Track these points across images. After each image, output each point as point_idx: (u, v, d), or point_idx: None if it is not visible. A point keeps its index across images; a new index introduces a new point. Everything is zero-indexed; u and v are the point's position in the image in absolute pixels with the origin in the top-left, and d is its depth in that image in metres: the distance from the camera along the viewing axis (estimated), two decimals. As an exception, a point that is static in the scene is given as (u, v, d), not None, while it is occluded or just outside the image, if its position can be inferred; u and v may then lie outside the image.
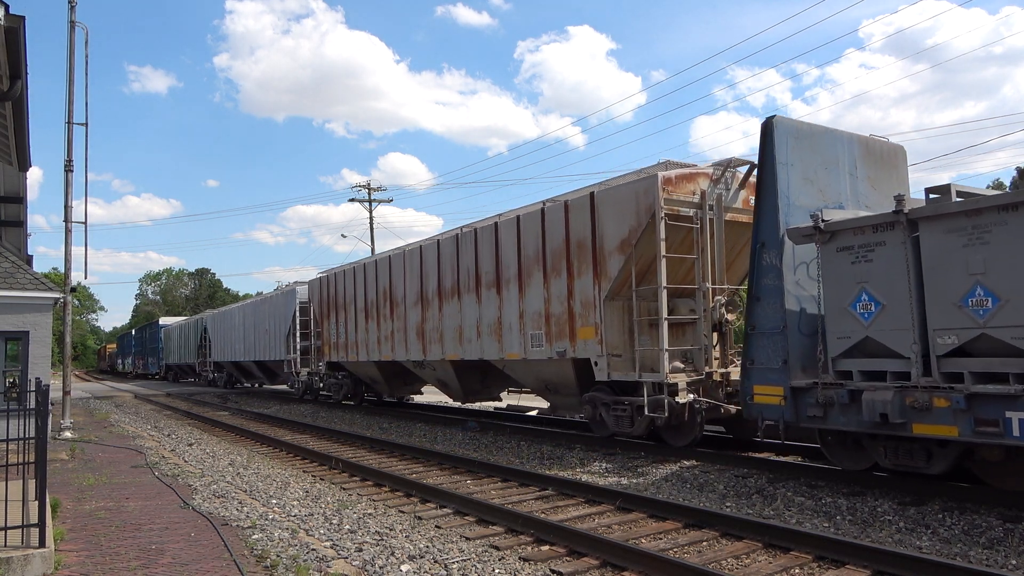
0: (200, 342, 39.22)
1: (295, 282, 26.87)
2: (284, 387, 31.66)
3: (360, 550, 6.49)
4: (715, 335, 11.14)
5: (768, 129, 8.97)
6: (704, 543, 6.75)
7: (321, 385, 23.92)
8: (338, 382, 22.67)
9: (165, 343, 49.60)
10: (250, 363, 31.40)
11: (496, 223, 14.28)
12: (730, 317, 11.11)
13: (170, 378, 50.93)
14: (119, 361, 75.63)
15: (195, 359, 40.49)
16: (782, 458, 10.35)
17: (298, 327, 25.27)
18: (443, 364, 16.24)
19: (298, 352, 25.37)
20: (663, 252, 10.65)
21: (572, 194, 12.92)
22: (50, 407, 7.60)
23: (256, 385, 36.94)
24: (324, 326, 22.51)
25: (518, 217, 13.65)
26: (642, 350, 11.15)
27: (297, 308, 25.23)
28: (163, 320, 55.43)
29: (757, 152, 9.17)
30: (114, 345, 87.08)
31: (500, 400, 18.71)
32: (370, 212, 43.69)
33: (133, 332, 69.35)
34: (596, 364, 11.64)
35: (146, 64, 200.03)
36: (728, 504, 8.20)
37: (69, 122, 16.64)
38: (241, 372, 35.27)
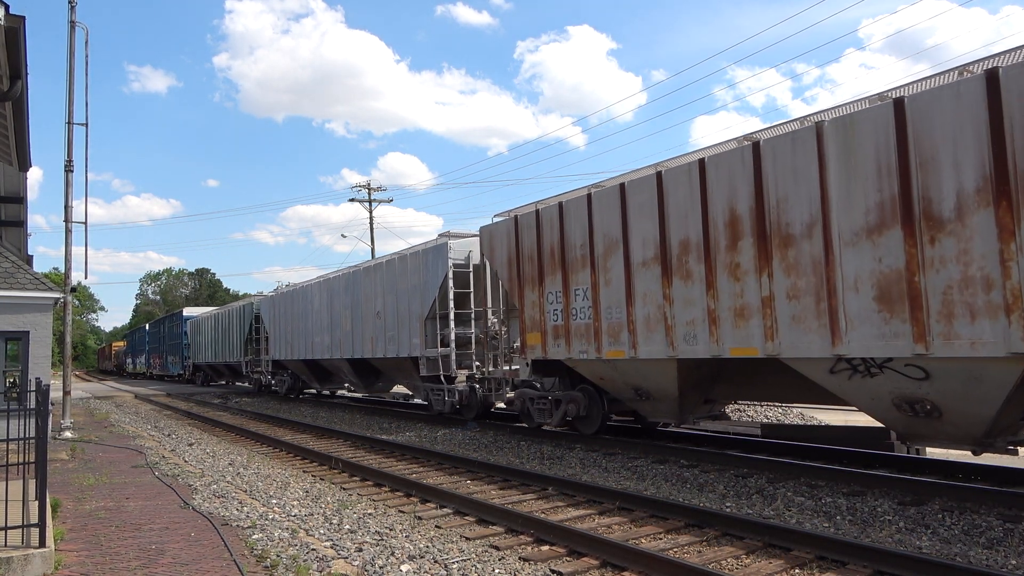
0: (250, 335, 30.93)
1: (445, 234, 17.43)
2: (388, 396, 23.47)
3: (360, 550, 6.49)
4: None
5: None
6: (704, 543, 6.75)
7: (539, 404, 13.31)
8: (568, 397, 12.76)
9: (192, 338, 41.61)
10: (339, 361, 22.00)
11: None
12: None
13: (199, 380, 42.66)
14: (129, 360, 68.05)
15: (241, 356, 31.85)
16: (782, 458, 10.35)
17: (451, 303, 16.41)
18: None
19: (452, 343, 16.43)
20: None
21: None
22: (50, 407, 7.60)
23: (339, 392, 27.08)
24: (525, 298, 13.13)
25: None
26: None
27: (450, 272, 16.27)
28: (188, 311, 46.65)
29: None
30: (122, 343, 79.59)
31: None
32: (370, 212, 43.68)
33: (147, 327, 60.64)
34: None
35: (146, 64, 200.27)
36: (728, 504, 8.20)
37: (69, 122, 16.66)
38: (318, 374, 25.15)
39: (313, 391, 28.42)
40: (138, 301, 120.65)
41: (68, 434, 15.83)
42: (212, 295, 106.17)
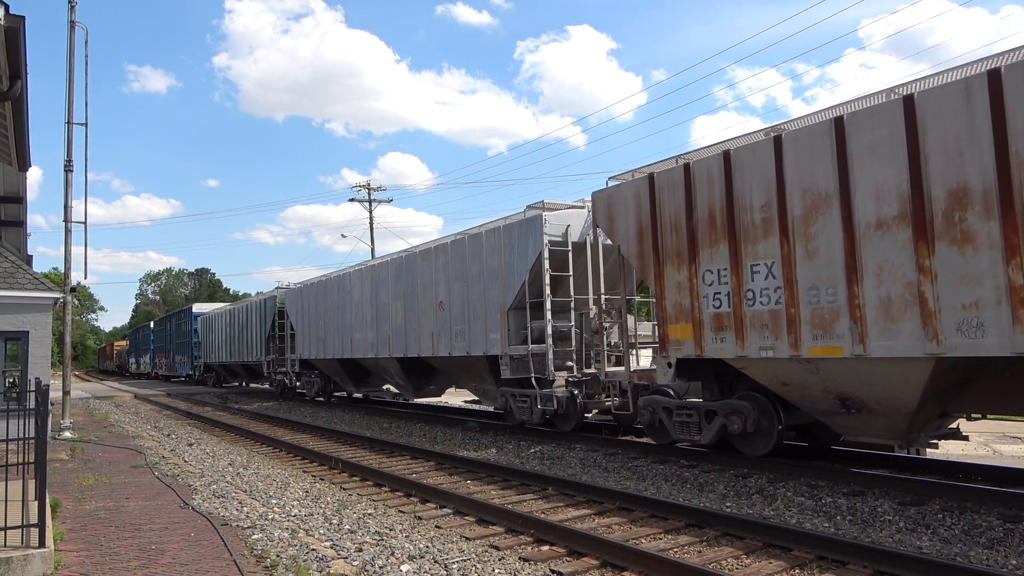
0: (272, 332, 27.94)
1: (537, 205, 14.22)
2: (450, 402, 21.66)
3: (360, 550, 6.49)
4: None
5: None
6: (704, 543, 6.75)
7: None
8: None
9: (203, 336, 38.79)
10: (386, 361, 19.07)
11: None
12: None
13: (210, 381, 39.99)
14: (132, 360, 65.28)
15: (262, 356, 28.84)
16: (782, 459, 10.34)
17: (547, 288, 13.29)
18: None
19: (549, 338, 13.31)
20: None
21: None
22: (50, 407, 7.60)
23: (375, 395, 23.73)
24: (667, 279, 10.41)
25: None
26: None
27: (546, 250, 13.26)
28: (198, 307, 43.62)
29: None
30: (124, 342, 76.64)
31: None
32: (370, 212, 43.67)
33: (152, 324, 57.74)
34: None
35: (145, 64, 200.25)
36: (728, 504, 8.19)
37: (69, 122, 16.65)
38: (354, 375, 22.47)
39: (344, 393, 25.40)
40: (138, 301, 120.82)
41: (68, 434, 15.83)
42: (212, 295, 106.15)
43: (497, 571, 5.95)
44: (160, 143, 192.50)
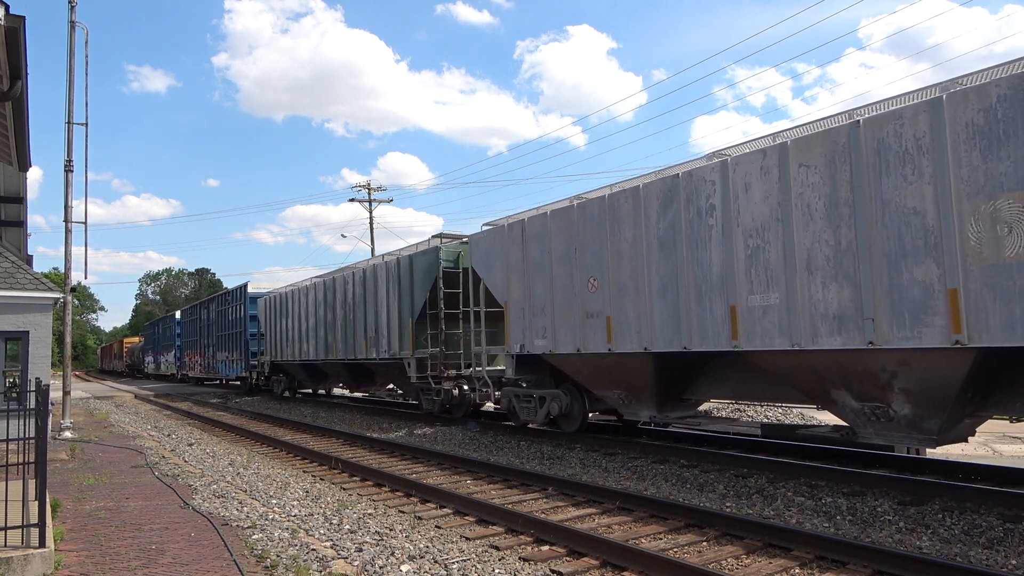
0: (423, 310, 17.03)
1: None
2: None
3: (360, 550, 6.49)
4: None
5: None
6: (704, 543, 6.75)
7: None
8: None
9: (272, 324, 27.26)
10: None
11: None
12: None
13: (280, 388, 28.21)
14: (150, 359, 55.42)
15: (404, 348, 17.54)
16: (782, 458, 10.35)
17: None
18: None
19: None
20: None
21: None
22: (50, 407, 7.60)
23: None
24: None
25: None
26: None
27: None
28: (256, 286, 31.26)
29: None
30: (136, 338, 67.34)
31: None
32: (370, 212, 43.68)
33: (178, 315, 46.27)
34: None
35: (145, 64, 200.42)
36: (728, 504, 8.19)
37: (69, 122, 16.65)
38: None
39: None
40: (138, 301, 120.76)
41: (68, 434, 15.83)
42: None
43: (497, 571, 5.95)
44: (160, 143, 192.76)
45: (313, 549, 6.48)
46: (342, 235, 51.56)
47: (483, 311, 14.79)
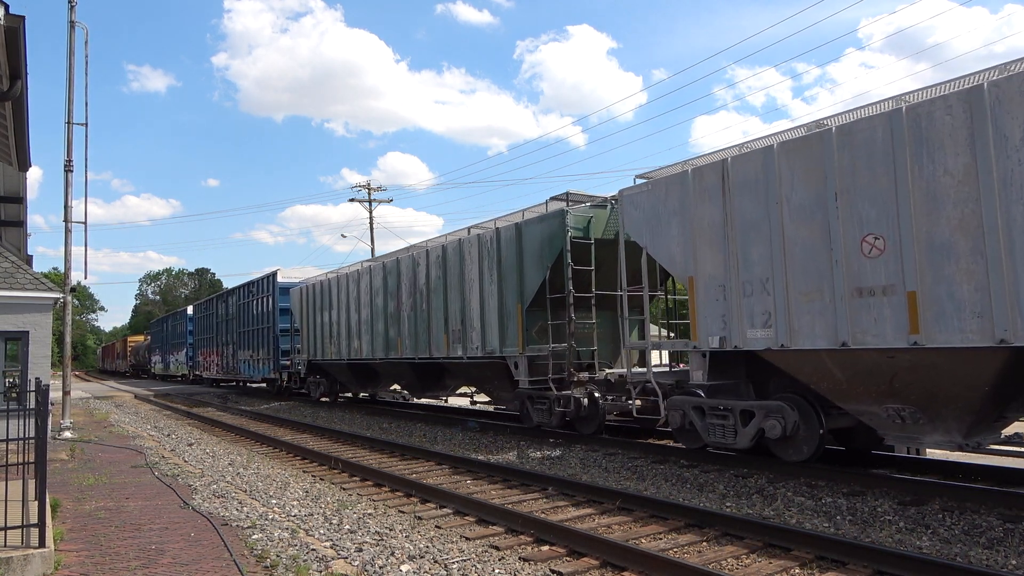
0: (538, 294, 13.37)
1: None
2: None
3: (360, 550, 6.49)
4: None
5: None
6: (704, 543, 6.75)
7: None
8: None
9: (307, 319, 23.87)
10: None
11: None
12: None
13: (318, 392, 24.40)
14: (157, 359, 51.57)
15: (514, 344, 13.78)
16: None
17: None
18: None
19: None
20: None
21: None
22: (50, 407, 7.60)
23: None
24: None
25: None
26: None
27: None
28: (287, 274, 27.25)
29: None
30: (141, 337, 63.78)
31: None
32: (370, 212, 43.66)
33: (190, 311, 41.86)
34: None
35: (145, 64, 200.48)
36: (728, 504, 8.19)
37: (69, 122, 16.65)
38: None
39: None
40: (137, 301, 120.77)
41: (68, 434, 15.83)
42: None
43: (497, 571, 5.95)
44: (160, 143, 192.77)
45: (313, 549, 6.48)
46: (342, 235, 51.56)
47: (646, 294, 11.13)
